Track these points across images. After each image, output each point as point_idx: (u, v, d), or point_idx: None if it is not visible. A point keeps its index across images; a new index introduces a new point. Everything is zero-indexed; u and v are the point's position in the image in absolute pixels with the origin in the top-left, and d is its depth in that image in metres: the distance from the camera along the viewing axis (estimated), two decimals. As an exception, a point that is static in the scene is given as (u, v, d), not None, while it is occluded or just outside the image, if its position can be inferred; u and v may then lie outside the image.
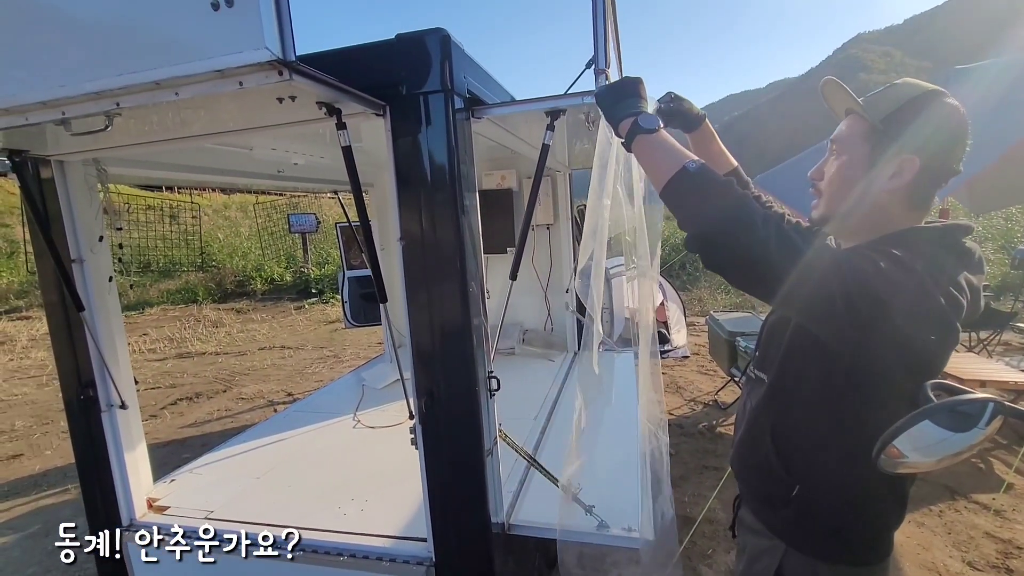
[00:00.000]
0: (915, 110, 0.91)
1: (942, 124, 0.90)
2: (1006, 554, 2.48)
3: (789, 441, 1.03)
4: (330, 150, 2.34)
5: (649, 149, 1.00)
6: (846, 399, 0.93)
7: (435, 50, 1.31)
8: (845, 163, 0.98)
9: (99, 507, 1.89)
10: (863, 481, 0.96)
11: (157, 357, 7.00)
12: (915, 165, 0.90)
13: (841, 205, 0.98)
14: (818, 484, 1.00)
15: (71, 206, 1.73)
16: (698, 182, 0.91)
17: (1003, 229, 9.98)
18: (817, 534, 1.02)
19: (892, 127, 0.92)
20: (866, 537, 1.00)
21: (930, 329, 0.80)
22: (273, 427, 2.81)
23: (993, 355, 4.82)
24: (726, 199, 0.88)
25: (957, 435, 0.69)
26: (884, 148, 0.93)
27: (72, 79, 1.01)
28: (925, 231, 0.94)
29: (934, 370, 0.86)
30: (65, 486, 3.54)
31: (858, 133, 0.96)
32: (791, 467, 1.03)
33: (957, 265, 0.87)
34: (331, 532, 1.77)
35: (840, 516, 1.00)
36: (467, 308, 1.43)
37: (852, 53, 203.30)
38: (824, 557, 1.01)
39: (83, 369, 1.81)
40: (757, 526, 1.12)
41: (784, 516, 1.05)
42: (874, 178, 0.94)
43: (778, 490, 1.05)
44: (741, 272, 0.89)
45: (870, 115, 0.94)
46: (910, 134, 0.90)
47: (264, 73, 0.95)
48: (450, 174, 1.36)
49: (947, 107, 0.91)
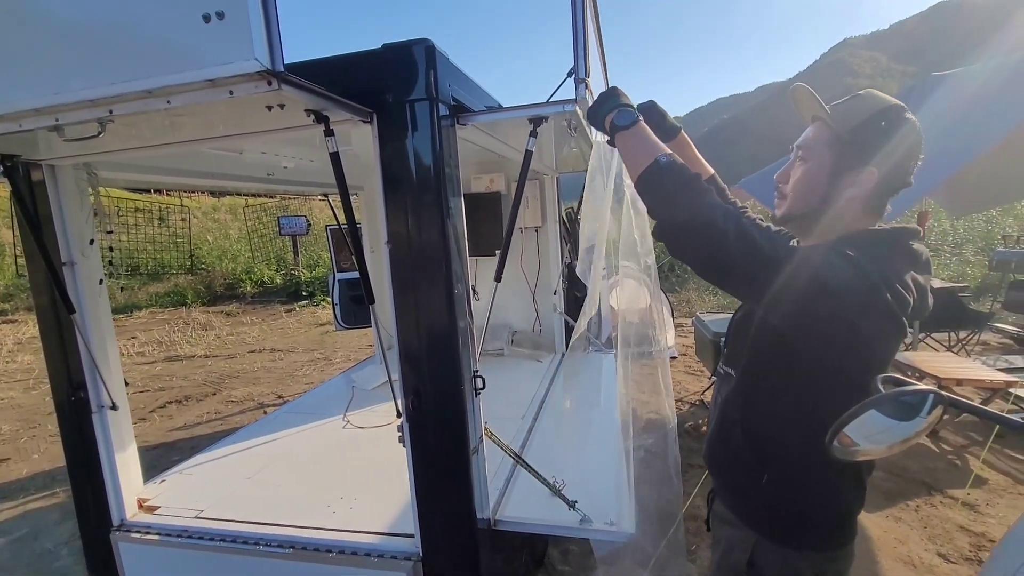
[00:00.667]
0: (878, 124, 0.97)
1: (901, 140, 0.96)
2: (978, 547, 2.56)
3: (757, 431, 1.09)
4: (319, 153, 2.38)
5: (626, 143, 1.08)
6: (806, 390, 0.99)
7: (420, 59, 1.36)
8: (809, 169, 1.03)
9: (90, 508, 1.91)
10: (824, 468, 1.01)
11: (146, 360, 6.96)
12: (874, 177, 0.96)
13: (803, 208, 1.05)
14: (784, 471, 1.06)
15: (62, 210, 1.75)
16: (667, 174, 0.98)
17: (983, 231, 10.19)
18: (785, 521, 1.07)
19: (857, 139, 0.97)
20: (831, 523, 1.06)
21: (879, 323, 0.86)
22: (263, 428, 2.83)
23: (971, 354, 4.94)
24: (691, 192, 0.95)
25: (901, 424, 0.75)
26: (847, 158, 0.98)
27: (66, 87, 1.04)
28: (879, 234, 1.00)
29: (883, 361, 0.92)
30: (53, 489, 3.53)
31: (823, 141, 1.02)
32: (761, 456, 1.08)
33: (905, 265, 0.94)
34: (320, 529, 1.80)
35: (805, 502, 1.06)
36: (452, 309, 1.47)
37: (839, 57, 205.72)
38: (793, 544, 1.07)
39: (74, 371, 1.83)
40: (730, 517, 1.18)
41: (755, 505, 1.11)
42: (835, 185, 1.00)
43: (749, 479, 1.10)
44: (701, 261, 0.96)
45: (837, 125, 0.99)
46: (872, 147, 0.96)
47: (254, 83, 0.99)
48: (435, 179, 1.40)
49: (907, 123, 0.96)
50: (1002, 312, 5.85)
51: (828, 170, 1.00)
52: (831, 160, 1.00)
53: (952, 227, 10.32)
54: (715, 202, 0.93)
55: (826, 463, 0.98)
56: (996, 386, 3.47)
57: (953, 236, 10.19)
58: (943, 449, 3.52)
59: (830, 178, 1.00)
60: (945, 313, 4.94)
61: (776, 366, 1.03)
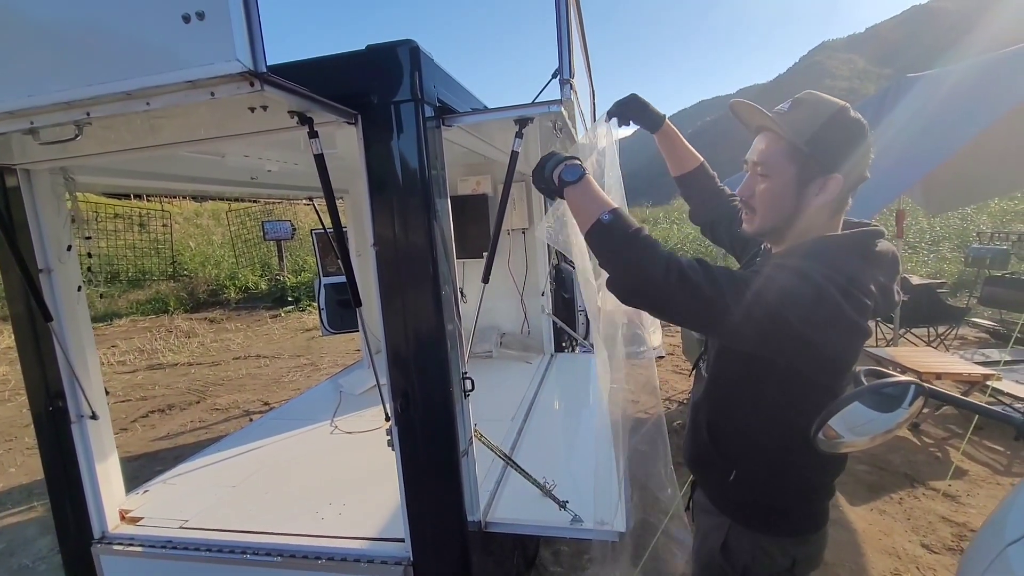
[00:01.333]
0: (833, 130, 0.97)
1: (854, 139, 0.98)
2: (960, 536, 2.62)
3: (723, 431, 1.13)
4: (304, 157, 2.36)
5: (574, 199, 1.09)
6: (768, 393, 1.02)
7: (405, 60, 1.35)
8: (774, 185, 1.03)
9: (69, 520, 1.86)
10: (792, 463, 1.05)
11: (127, 369, 6.81)
12: (839, 182, 0.97)
13: (774, 222, 1.05)
14: (751, 468, 1.09)
15: (38, 215, 1.71)
16: (608, 233, 0.99)
17: (959, 228, 10.45)
18: (757, 511, 1.11)
19: (817, 148, 0.97)
20: (801, 510, 1.10)
21: (830, 330, 0.86)
22: (249, 436, 2.79)
23: (950, 349, 5.06)
24: (632, 250, 0.95)
25: (884, 415, 0.76)
26: (810, 168, 0.98)
27: (41, 89, 1.02)
28: (835, 239, 1.00)
29: (844, 364, 0.93)
30: (31, 503, 3.43)
31: (781, 153, 1.00)
32: (727, 454, 1.12)
33: (868, 268, 0.94)
34: (309, 536, 1.78)
35: (775, 494, 1.09)
36: (440, 310, 1.47)
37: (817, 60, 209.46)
38: (765, 531, 1.10)
39: (52, 380, 1.78)
40: (708, 506, 1.22)
41: (727, 497, 1.16)
42: (803, 196, 1.00)
43: (718, 475, 1.15)
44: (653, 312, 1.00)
45: (792, 137, 0.98)
46: (833, 155, 0.97)
47: (235, 84, 0.97)
48: (421, 181, 1.40)
49: (857, 123, 0.98)
50: (978, 307, 6.00)
51: (793, 183, 1.00)
52: (794, 172, 1.00)
53: (929, 225, 10.56)
54: (656, 256, 0.93)
55: (792, 461, 1.04)
56: (974, 379, 3.55)
57: (930, 234, 10.43)
58: (924, 442, 3.60)
59: (796, 189, 1.00)
60: (924, 309, 5.05)
61: (742, 378, 1.06)
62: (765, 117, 1.01)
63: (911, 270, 8.67)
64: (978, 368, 3.67)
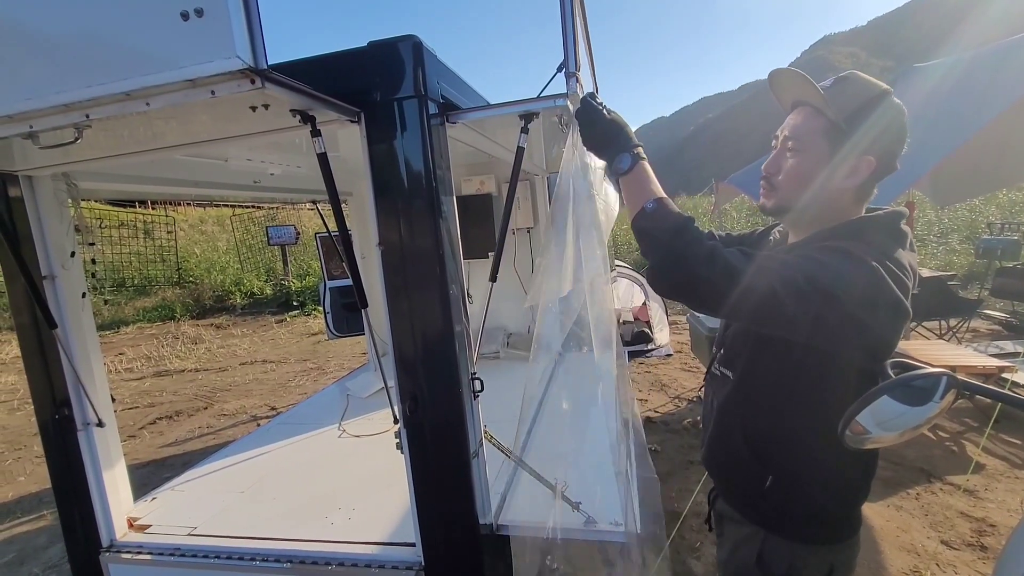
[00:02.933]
0: (874, 111, 0.94)
1: (893, 125, 0.95)
2: (980, 532, 2.57)
3: (760, 434, 1.07)
4: (307, 159, 2.34)
5: (625, 188, 1.08)
6: (813, 388, 0.97)
7: (407, 56, 1.33)
8: (804, 160, 0.99)
9: (77, 529, 1.84)
10: (834, 464, 1.00)
11: (135, 376, 6.83)
12: (872, 165, 0.95)
13: (798, 200, 1.01)
14: (792, 472, 1.04)
15: (41, 221, 1.69)
16: (652, 223, 0.97)
17: (968, 220, 10.34)
18: (794, 519, 1.06)
19: (854, 127, 0.94)
20: (840, 516, 1.05)
21: (884, 312, 0.84)
22: (256, 441, 2.77)
23: (962, 342, 4.99)
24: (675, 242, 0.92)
25: (914, 409, 0.73)
26: (845, 148, 0.95)
27: (39, 92, 1.00)
28: (874, 220, 0.98)
29: (889, 348, 0.90)
30: (40, 512, 3.43)
31: (817, 130, 0.97)
32: (764, 459, 1.07)
33: (897, 247, 0.93)
34: (319, 542, 1.76)
35: (815, 500, 1.04)
36: (448, 311, 1.44)
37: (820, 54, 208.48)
38: (803, 539, 1.05)
39: (57, 388, 1.77)
40: (735, 515, 1.16)
41: (761, 506, 1.09)
42: (832, 176, 0.97)
43: (752, 482, 1.09)
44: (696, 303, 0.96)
45: (833, 113, 0.95)
46: (870, 135, 0.94)
47: (236, 82, 0.95)
48: (426, 179, 1.37)
49: (897, 108, 0.95)
50: (990, 299, 5.93)
51: (825, 160, 0.97)
52: (827, 150, 0.97)
53: (937, 217, 10.47)
54: (701, 250, 0.90)
55: (834, 460, 0.99)
56: (989, 372, 3.50)
57: (939, 226, 10.34)
58: (940, 436, 3.54)
59: (826, 168, 0.97)
60: (935, 301, 4.99)
61: (779, 369, 1.01)
62: (808, 89, 0.98)
63: (920, 263, 8.57)
64: (993, 360, 3.61)
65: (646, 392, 4.87)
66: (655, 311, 6.36)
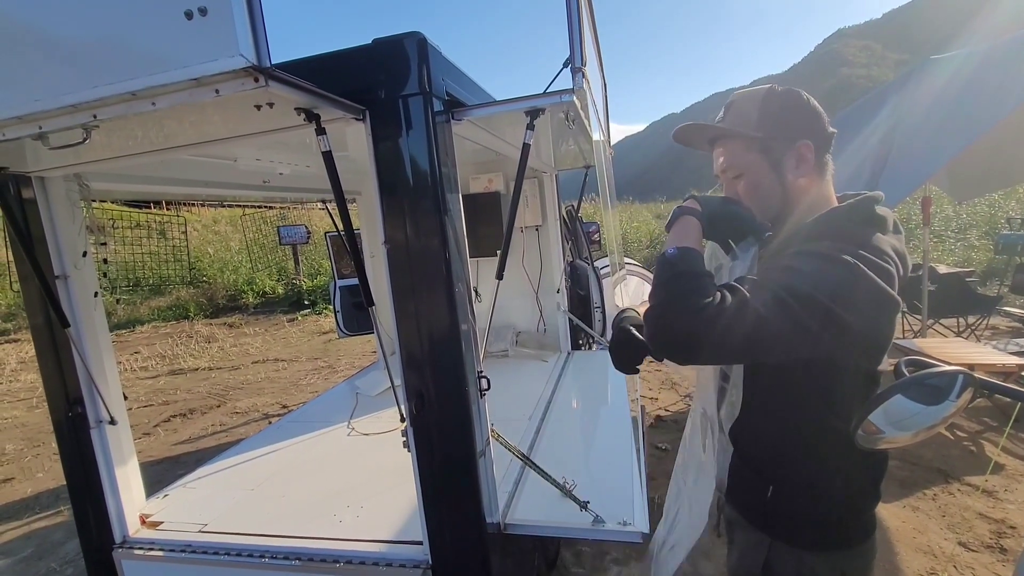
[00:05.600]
0: (772, 107, 1.00)
1: (795, 105, 1.00)
2: (999, 533, 2.51)
3: (756, 451, 1.07)
4: (315, 159, 2.35)
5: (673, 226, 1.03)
6: (803, 395, 0.96)
7: (412, 53, 1.32)
8: (750, 179, 1.04)
9: (91, 525, 1.87)
10: (835, 469, 0.98)
11: (149, 375, 6.93)
12: (809, 147, 0.98)
13: (771, 210, 1.04)
14: (791, 482, 1.03)
15: (53, 222, 1.72)
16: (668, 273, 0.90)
17: (986, 215, 10.13)
18: (798, 527, 1.04)
19: (767, 129, 0.99)
20: (846, 522, 1.02)
21: (866, 307, 0.81)
22: (267, 438, 2.79)
23: (981, 339, 4.89)
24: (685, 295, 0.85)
25: (930, 408, 0.71)
26: (774, 148, 1.00)
27: (47, 93, 1.01)
28: (836, 213, 0.98)
29: (882, 342, 0.89)
30: (58, 508, 3.50)
31: (740, 150, 1.03)
32: (762, 471, 1.06)
33: (875, 232, 0.92)
34: (327, 539, 1.76)
35: (817, 508, 1.02)
36: (454, 309, 1.43)
37: (833, 48, 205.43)
38: (809, 547, 1.03)
39: (71, 386, 1.79)
40: (742, 521, 1.15)
41: (764, 514, 1.08)
42: (782, 176, 1.01)
43: (753, 494, 1.08)
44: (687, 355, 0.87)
45: (742, 129, 1.01)
46: (785, 125, 0.99)
47: (240, 80, 0.95)
48: (432, 176, 1.37)
49: (786, 92, 1.01)
50: (1010, 295, 5.80)
51: (767, 168, 1.01)
52: (761, 158, 1.01)
53: (955, 212, 10.26)
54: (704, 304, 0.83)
55: (835, 467, 0.97)
56: (1009, 370, 3.42)
57: (956, 221, 10.13)
58: (958, 436, 3.47)
59: (773, 172, 1.01)
60: (953, 298, 4.89)
61: (773, 387, 1.00)
62: (710, 128, 1.05)
63: (938, 259, 8.42)
64: (1013, 358, 3.53)
65: (656, 391, 4.83)
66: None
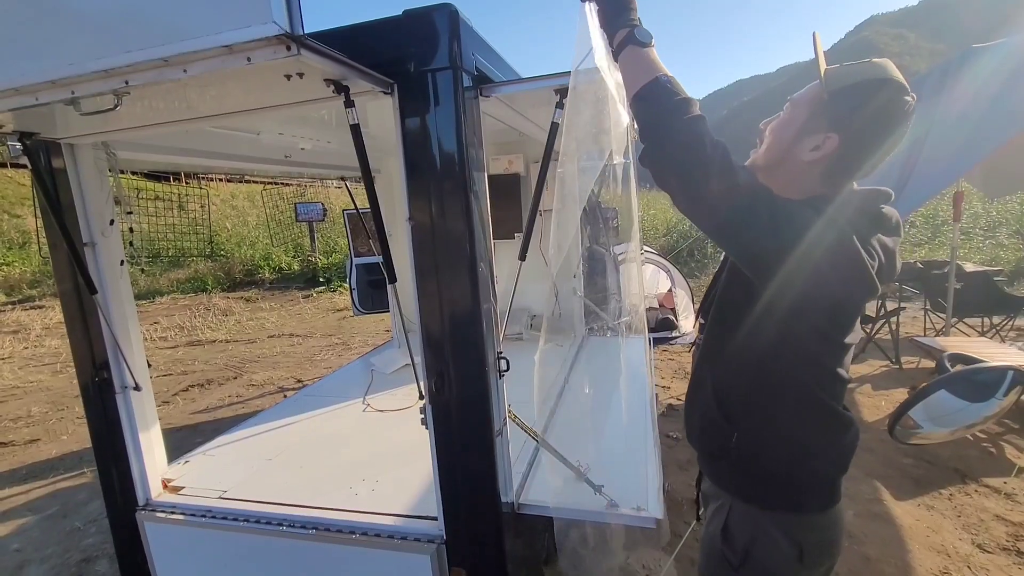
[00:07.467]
0: (862, 93, 0.93)
1: (878, 116, 0.92)
2: (1017, 536, 2.47)
3: (727, 389, 1.07)
4: (337, 134, 2.34)
5: (634, 59, 1.01)
6: (772, 343, 0.97)
7: (443, 26, 1.30)
8: (784, 120, 1.02)
9: (115, 487, 1.93)
10: (790, 426, 1.00)
11: (168, 345, 7.08)
12: (834, 143, 0.94)
13: (768, 159, 1.04)
14: (753, 429, 1.04)
15: (82, 189, 1.74)
16: (664, 93, 0.94)
17: (1017, 213, 9.82)
18: (755, 480, 1.05)
19: (834, 102, 0.95)
20: (803, 483, 1.02)
21: (847, 273, 0.87)
22: (283, 411, 2.84)
23: (1006, 340, 4.77)
24: (684, 113, 0.91)
25: (974, 405, 0.69)
26: (817, 119, 0.97)
27: (81, 57, 1.01)
28: (850, 195, 0.99)
29: (846, 313, 0.94)
30: (81, 469, 3.61)
31: (808, 97, 1.00)
32: (730, 415, 1.06)
33: (872, 228, 0.94)
34: (343, 511, 1.79)
35: (774, 462, 1.03)
36: (476, 289, 1.43)
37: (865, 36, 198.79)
38: (763, 504, 1.04)
39: (97, 352, 1.83)
40: (712, 489, 1.17)
41: (726, 466, 1.09)
42: (799, 143, 0.99)
43: (719, 440, 1.08)
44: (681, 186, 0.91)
45: (825, 83, 0.96)
46: (842, 114, 0.94)
47: (272, 48, 0.94)
48: (459, 153, 1.35)
49: (895, 102, 0.92)
50: (1038, 297, 5.63)
51: (798, 125, 0.99)
52: (805, 116, 0.99)
53: (984, 209, 9.95)
54: (704, 130, 0.89)
55: (793, 421, 1.00)
56: (1035, 372, 3.34)
57: (986, 219, 9.84)
58: (977, 437, 3.40)
59: (797, 134, 0.99)
60: (979, 297, 4.77)
61: (743, 323, 1.00)
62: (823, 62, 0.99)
63: (965, 256, 8.20)
64: (1040, 361, 3.44)
65: (669, 379, 4.81)
66: (680, 298, 6.25)
